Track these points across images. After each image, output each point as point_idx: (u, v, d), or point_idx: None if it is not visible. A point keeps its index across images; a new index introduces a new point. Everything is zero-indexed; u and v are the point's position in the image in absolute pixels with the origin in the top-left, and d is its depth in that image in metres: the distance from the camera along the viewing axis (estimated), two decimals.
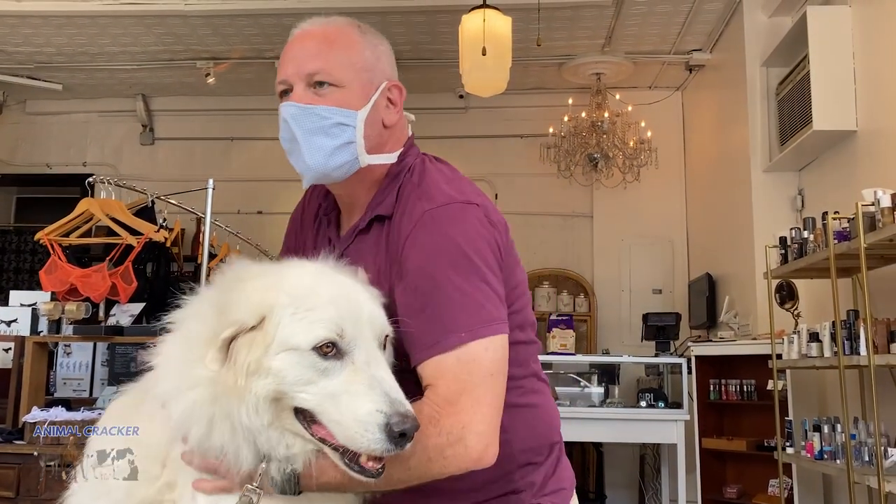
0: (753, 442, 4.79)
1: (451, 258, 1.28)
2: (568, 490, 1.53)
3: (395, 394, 1.12)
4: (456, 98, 7.07)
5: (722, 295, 5.71)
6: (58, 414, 2.93)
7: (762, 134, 5.25)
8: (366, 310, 1.19)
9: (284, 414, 1.14)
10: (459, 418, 1.21)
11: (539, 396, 1.50)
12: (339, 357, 1.13)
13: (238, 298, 1.16)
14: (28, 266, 7.41)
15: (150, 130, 7.52)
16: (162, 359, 1.23)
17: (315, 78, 1.37)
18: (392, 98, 1.45)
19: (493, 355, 1.26)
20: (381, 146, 1.44)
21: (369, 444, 1.09)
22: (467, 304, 1.25)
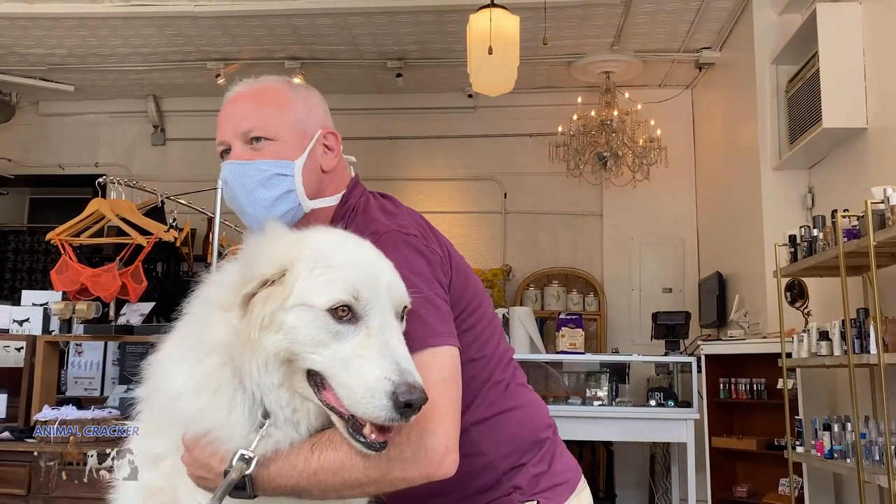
0: (763, 441, 4.77)
1: None
2: (568, 484, 1.53)
3: (406, 363, 1.11)
4: (465, 97, 7.08)
5: (732, 294, 5.69)
6: (68, 413, 2.95)
7: (772, 132, 5.22)
8: (385, 277, 1.19)
9: (297, 377, 1.14)
10: (418, 424, 1.18)
11: (514, 401, 1.51)
12: (353, 321, 1.13)
13: (260, 255, 1.18)
14: (41, 266, 7.48)
15: (161, 131, 7.57)
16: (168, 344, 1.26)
17: (251, 134, 1.44)
18: (328, 144, 1.52)
19: (442, 362, 1.26)
20: (323, 191, 1.50)
21: (374, 410, 1.08)
22: (410, 319, 1.24)
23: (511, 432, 1.48)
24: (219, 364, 1.17)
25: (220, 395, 1.16)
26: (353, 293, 1.13)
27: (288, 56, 6.43)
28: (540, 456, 1.51)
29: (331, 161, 1.51)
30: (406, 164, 7.25)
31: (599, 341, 6.84)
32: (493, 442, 1.44)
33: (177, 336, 1.27)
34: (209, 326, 1.19)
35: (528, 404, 1.55)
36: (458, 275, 1.44)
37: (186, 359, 1.20)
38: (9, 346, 4.16)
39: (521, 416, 1.51)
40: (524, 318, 5.74)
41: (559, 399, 5.54)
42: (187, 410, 1.17)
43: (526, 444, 1.50)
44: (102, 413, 3.01)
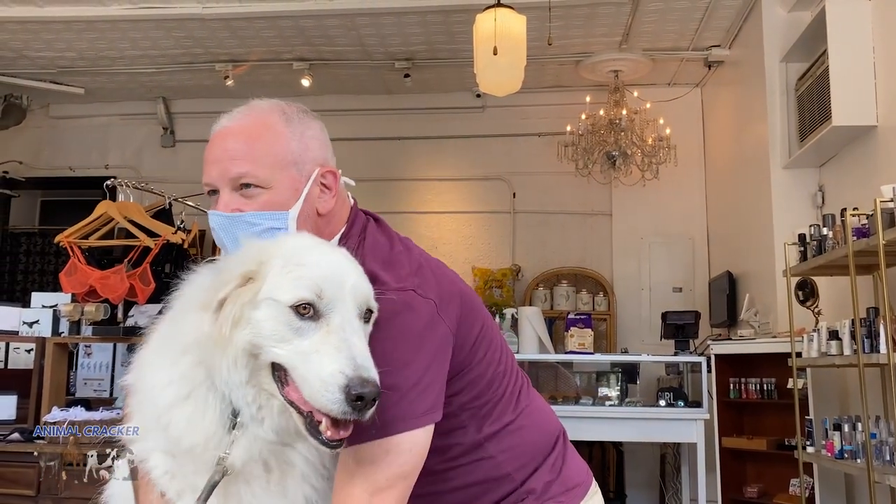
0: (774, 441, 4.74)
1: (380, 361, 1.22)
2: (580, 487, 1.53)
3: (362, 359, 1.14)
4: (473, 97, 7.07)
5: (742, 293, 5.66)
6: (77, 414, 2.97)
7: (781, 130, 5.19)
8: (350, 279, 1.21)
9: (262, 373, 1.18)
10: None
11: (525, 411, 1.51)
12: (315, 318, 1.16)
13: (236, 259, 1.23)
14: (52, 268, 7.52)
15: (170, 133, 7.60)
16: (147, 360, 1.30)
17: (241, 181, 1.32)
18: (326, 183, 1.39)
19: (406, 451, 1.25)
20: (318, 234, 1.37)
21: (328, 403, 1.11)
22: (390, 399, 1.21)
23: (524, 441, 1.49)
24: (194, 363, 1.21)
25: (195, 396, 1.21)
26: (317, 291, 1.16)
27: (296, 57, 6.44)
28: (552, 461, 1.51)
29: (328, 203, 1.39)
30: (415, 165, 7.25)
31: (609, 341, 6.82)
32: (509, 453, 1.45)
33: (157, 335, 1.31)
34: (185, 326, 1.23)
35: (538, 411, 1.55)
36: (465, 308, 1.40)
37: (165, 359, 1.24)
38: (19, 348, 4.19)
39: (532, 425, 1.51)
40: (533, 319, 5.73)
41: (569, 399, 5.52)
42: (172, 421, 1.22)
43: (538, 451, 1.51)
44: (111, 414, 3.03)
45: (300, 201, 1.34)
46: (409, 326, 1.29)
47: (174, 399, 1.21)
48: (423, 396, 1.28)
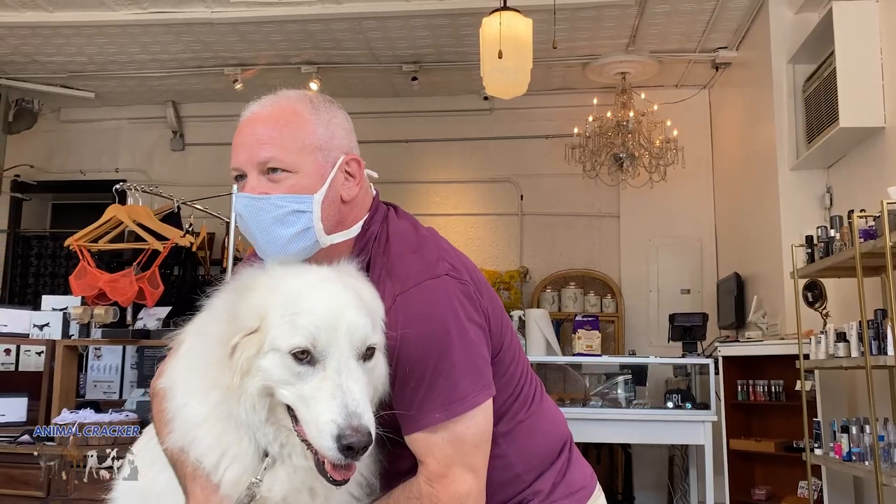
0: (782, 443, 4.73)
1: (424, 342, 1.30)
2: (584, 490, 1.54)
3: (354, 406, 1.16)
4: (480, 100, 7.08)
5: (750, 294, 5.66)
6: (86, 416, 2.99)
7: (789, 131, 5.18)
8: (346, 321, 1.22)
9: (279, 409, 1.22)
10: (454, 490, 1.30)
11: (538, 412, 1.53)
12: (312, 363, 1.19)
13: (243, 308, 1.25)
14: (63, 271, 7.57)
15: (180, 136, 7.64)
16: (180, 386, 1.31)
17: (268, 165, 1.35)
18: (350, 171, 1.42)
19: (475, 429, 1.33)
20: (342, 223, 1.41)
21: (323, 449, 1.16)
22: (443, 386, 1.30)
23: (536, 443, 1.51)
24: (223, 399, 1.24)
25: (230, 425, 1.24)
26: (311, 340, 1.19)
27: (304, 61, 6.47)
28: (559, 464, 1.53)
29: (352, 190, 1.41)
30: (422, 167, 7.27)
31: (617, 343, 6.81)
32: (521, 454, 1.47)
33: (187, 353, 1.33)
34: (210, 370, 1.26)
35: (550, 414, 1.57)
36: (491, 296, 1.45)
37: (196, 388, 1.27)
38: (29, 351, 4.23)
39: (543, 427, 1.53)
40: (540, 321, 5.73)
41: (577, 401, 5.52)
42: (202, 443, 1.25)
43: (548, 453, 1.53)
44: (120, 416, 3.05)
45: (325, 186, 1.37)
46: (448, 311, 1.32)
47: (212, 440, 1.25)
48: (479, 375, 1.34)
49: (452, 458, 1.31)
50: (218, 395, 1.24)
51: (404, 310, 1.31)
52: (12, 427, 3.42)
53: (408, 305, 1.31)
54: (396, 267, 1.37)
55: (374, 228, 1.44)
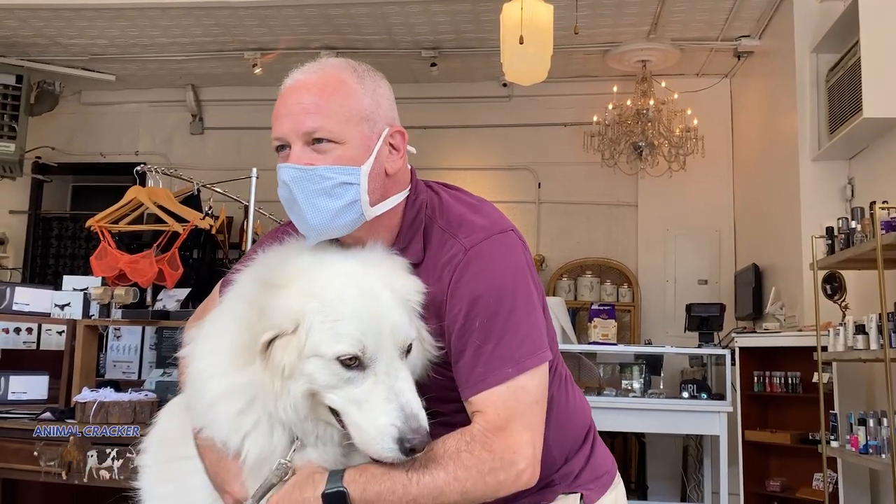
0: (798, 435, 4.71)
1: (497, 296, 1.29)
2: (607, 476, 1.55)
3: (410, 408, 1.18)
4: (499, 86, 7.06)
5: (768, 286, 5.62)
6: (107, 395, 3.02)
7: (811, 121, 5.13)
8: (388, 321, 1.22)
9: (320, 408, 1.23)
10: (510, 443, 1.26)
11: (571, 394, 1.54)
12: (361, 368, 1.20)
13: (276, 303, 1.22)
14: (83, 252, 7.63)
15: (199, 120, 7.68)
16: (203, 366, 1.29)
17: (314, 136, 1.30)
18: (395, 144, 1.38)
19: (538, 384, 1.31)
20: (385, 195, 1.37)
21: (382, 451, 1.17)
22: (514, 339, 1.29)
23: (568, 424, 1.51)
24: (252, 384, 1.23)
25: (254, 407, 1.24)
26: (359, 347, 1.19)
27: (324, 45, 6.47)
28: (586, 449, 1.54)
29: (396, 163, 1.38)
30: (440, 154, 7.26)
31: (633, 333, 6.80)
32: (556, 433, 1.45)
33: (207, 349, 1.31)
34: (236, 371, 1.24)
35: (580, 399, 1.58)
36: None
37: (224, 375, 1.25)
38: (50, 330, 4.29)
39: (575, 410, 1.54)
40: (556, 309, 5.73)
41: (592, 390, 5.53)
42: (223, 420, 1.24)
43: (577, 436, 1.54)
44: (139, 396, 3.08)
45: (372, 158, 1.33)
46: (519, 265, 1.33)
47: (233, 420, 1.24)
48: (542, 331, 1.33)
49: (514, 411, 1.27)
50: (244, 378, 1.23)
51: (476, 262, 1.30)
52: (34, 404, 3.48)
53: (480, 258, 1.31)
54: (462, 226, 1.36)
55: (423, 197, 1.42)
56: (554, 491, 1.47)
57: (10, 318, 3.83)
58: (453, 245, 1.33)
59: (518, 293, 1.31)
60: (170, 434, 1.41)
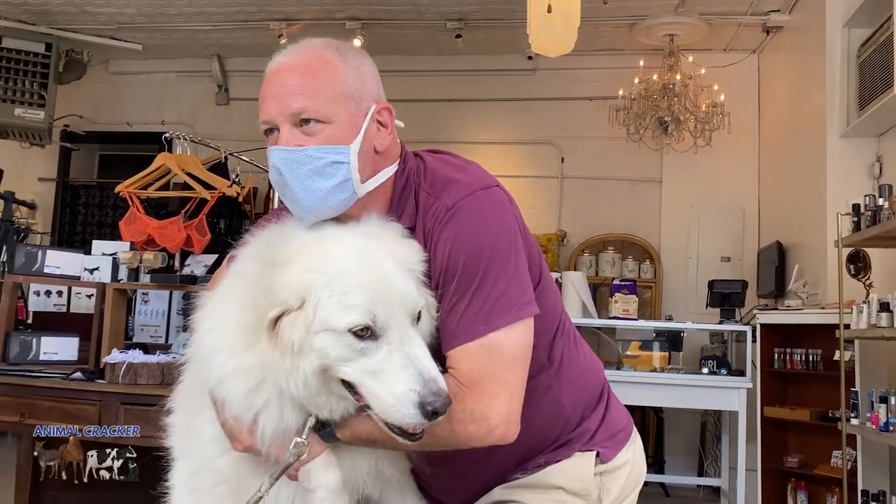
0: (817, 412, 4.71)
1: (474, 254, 1.30)
2: (623, 433, 1.58)
3: (428, 372, 1.19)
4: (524, 59, 7.02)
5: (792, 264, 5.59)
6: (136, 356, 3.08)
7: (840, 98, 5.07)
8: (397, 290, 1.24)
9: (332, 383, 1.24)
10: (482, 400, 1.28)
11: (582, 352, 1.56)
12: (374, 338, 1.21)
13: (280, 281, 1.23)
14: (110, 220, 7.74)
15: (224, 90, 7.71)
16: (209, 339, 1.30)
17: (301, 116, 1.31)
18: (382, 120, 1.39)
19: (514, 342, 1.31)
20: (375, 171, 1.39)
21: (403, 418, 1.18)
22: (488, 297, 1.30)
23: (582, 382, 1.54)
24: (259, 362, 1.24)
25: (264, 386, 1.24)
26: (370, 317, 1.20)
27: (349, 17, 6.47)
28: (601, 407, 1.57)
29: (385, 140, 1.39)
30: (463, 127, 7.25)
31: (654, 309, 6.80)
32: (569, 392, 1.49)
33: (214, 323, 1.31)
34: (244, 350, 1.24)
35: (589, 356, 1.60)
36: (525, 228, 1.46)
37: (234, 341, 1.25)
38: (80, 293, 4.38)
39: (587, 367, 1.56)
40: (577, 283, 5.75)
41: (611, 365, 5.55)
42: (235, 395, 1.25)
43: (592, 394, 1.56)
44: (167, 358, 3.14)
45: (360, 136, 1.34)
46: (501, 221, 1.34)
47: (245, 398, 1.24)
48: (524, 288, 1.34)
49: (486, 367, 1.29)
50: (252, 359, 1.23)
51: (455, 221, 1.32)
52: (65, 364, 3.56)
53: (459, 216, 1.32)
54: (445, 186, 1.37)
55: (411, 164, 1.43)
56: (570, 448, 1.50)
57: (41, 280, 3.91)
58: (437, 205, 1.35)
59: (497, 251, 1.31)
60: (192, 391, 1.44)
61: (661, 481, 5.94)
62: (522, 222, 1.42)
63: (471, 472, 1.46)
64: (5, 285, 3.67)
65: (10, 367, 3.35)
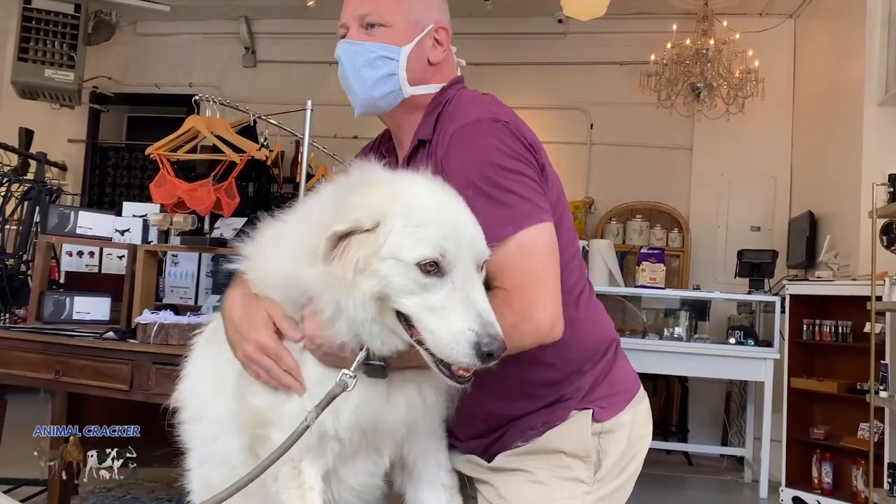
0: (845, 385, 4.67)
1: (483, 165, 1.39)
2: (622, 395, 1.58)
3: (487, 315, 1.20)
4: (555, 22, 6.92)
5: (823, 234, 5.51)
6: (166, 317, 3.11)
7: (880, 65, 4.95)
8: (468, 233, 1.26)
9: (387, 313, 1.24)
10: (527, 299, 1.35)
11: (584, 308, 1.56)
12: (439, 275, 1.21)
13: (357, 201, 1.25)
14: (138, 182, 7.81)
15: (252, 53, 7.70)
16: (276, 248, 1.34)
17: (367, 19, 1.55)
18: (439, 38, 1.59)
19: (544, 242, 1.39)
20: (425, 80, 1.58)
21: (458, 356, 1.18)
22: (504, 201, 1.37)
23: (591, 334, 1.56)
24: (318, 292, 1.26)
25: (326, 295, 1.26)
26: (440, 251, 1.21)
27: None
28: (601, 365, 1.57)
29: (438, 54, 1.59)
30: (491, 91, 7.08)
31: (681, 278, 6.75)
32: (572, 342, 1.48)
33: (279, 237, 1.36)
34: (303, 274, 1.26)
35: (595, 315, 1.61)
36: (548, 165, 1.50)
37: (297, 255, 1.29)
38: (111, 254, 4.44)
39: (587, 326, 1.56)
40: (604, 251, 5.72)
41: (636, 333, 5.54)
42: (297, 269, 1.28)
43: (597, 349, 1.57)
44: (197, 319, 3.17)
45: (413, 43, 1.56)
46: (505, 146, 1.41)
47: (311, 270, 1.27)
48: (538, 199, 1.41)
49: (522, 268, 1.36)
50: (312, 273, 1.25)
51: (461, 140, 1.42)
52: (97, 324, 3.62)
53: (464, 137, 1.42)
54: (458, 112, 1.49)
55: (450, 92, 1.58)
56: (567, 407, 1.52)
57: (73, 240, 3.96)
58: (447, 127, 1.48)
59: (504, 164, 1.39)
60: None
61: (684, 450, 5.96)
62: (537, 149, 1.47)
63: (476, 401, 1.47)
64: (39, 245, 3.73)
65: (44, 326, 3.42)
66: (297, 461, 1.34)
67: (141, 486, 4.02)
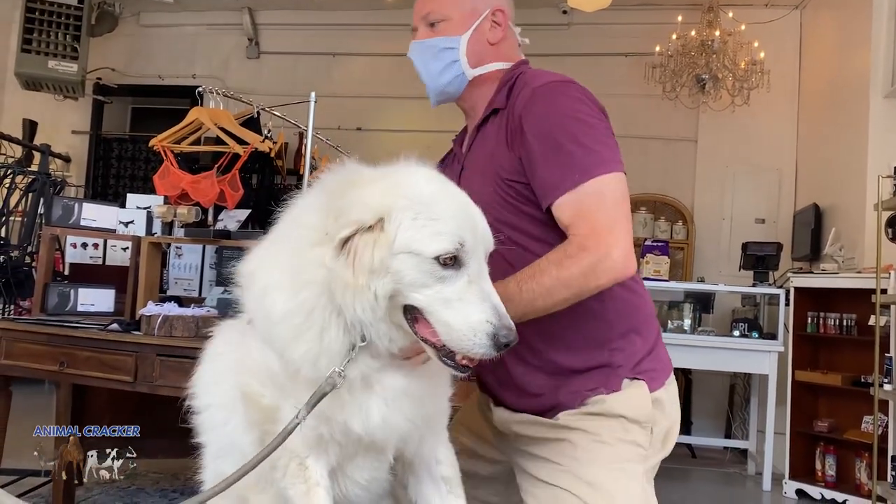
0: (849, 377, 4.67)
1: (562, 118, 1.53)
2: (660, 372, 1.67)
3: (501, 308, 1.22)
4: (559, 13, 6.88)
5: (828, 227, 5.50)
6: (171, 309, 3.12)
7: (885, 57, 4.92)
8: (480, 225, 1.27)
9: (395, 311, 1.24)
10: (602, 241, 1.46)
11: (638, 278, 1.69)
12: (456, 267, 1.21)
13: (354, 201, 1.22)
14: (142, 173, 7.81)
15: (255, 44, 7.68)
16: (266, 269, 1.31)
17: (429, 18, 1.76)
18: (497, 20, 1.76)
19: (614, 188, 1.50)
20: (486, 59, 1.74)
21: (474, 347, 1.19)
22: (580, 150, 1.50)
23: (633, 301, 1.66)
24: (315, 294, 1.24)
25: (314, 316, 1.25)
26: (459, 242, 1.21)
27: None
28: (650, 336, 1.67)
29: (497, 34, 1.75)
30: None
31: (685, 270, 6.74)
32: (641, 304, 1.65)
33: (270, 260, 1.32)
34: (304, 266, 1.24)
35: (645, 290, 1.73)
36: None
37: (285, 289, 1.26)
38: (115, 246, 4.44)
39: (642, 291, 1.70)
40: None
41: None
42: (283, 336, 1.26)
43: (642, 314, 1.68)
44: (202, 311, 3.18)
45: (471, 29, 1.73)
46: (585, 100, 1.57)
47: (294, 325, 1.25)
48: (612, 150, 1.54)
49: (595, 213, 1.47)
50: (308, 293, 1.23)
51: (541, 97, 1.56)
52: (102, 315, 3.62)
53: (543, 93, 1.57)
54: (534, 77, 1.63)
55: (522, 68, 1.74)
56: (618, 374, 1.60)
57: (78, 232, 3.96)
58: (524, 90, 1.61)
59: (580, 118, 1.52)
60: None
61: (687, 442, 5.96)
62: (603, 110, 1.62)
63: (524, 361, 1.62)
64: (43, 237, 3.73)
65: (49, 318, 3.42)
66: (303, 458, 1.34)
67: (145, 478, 4.03)
